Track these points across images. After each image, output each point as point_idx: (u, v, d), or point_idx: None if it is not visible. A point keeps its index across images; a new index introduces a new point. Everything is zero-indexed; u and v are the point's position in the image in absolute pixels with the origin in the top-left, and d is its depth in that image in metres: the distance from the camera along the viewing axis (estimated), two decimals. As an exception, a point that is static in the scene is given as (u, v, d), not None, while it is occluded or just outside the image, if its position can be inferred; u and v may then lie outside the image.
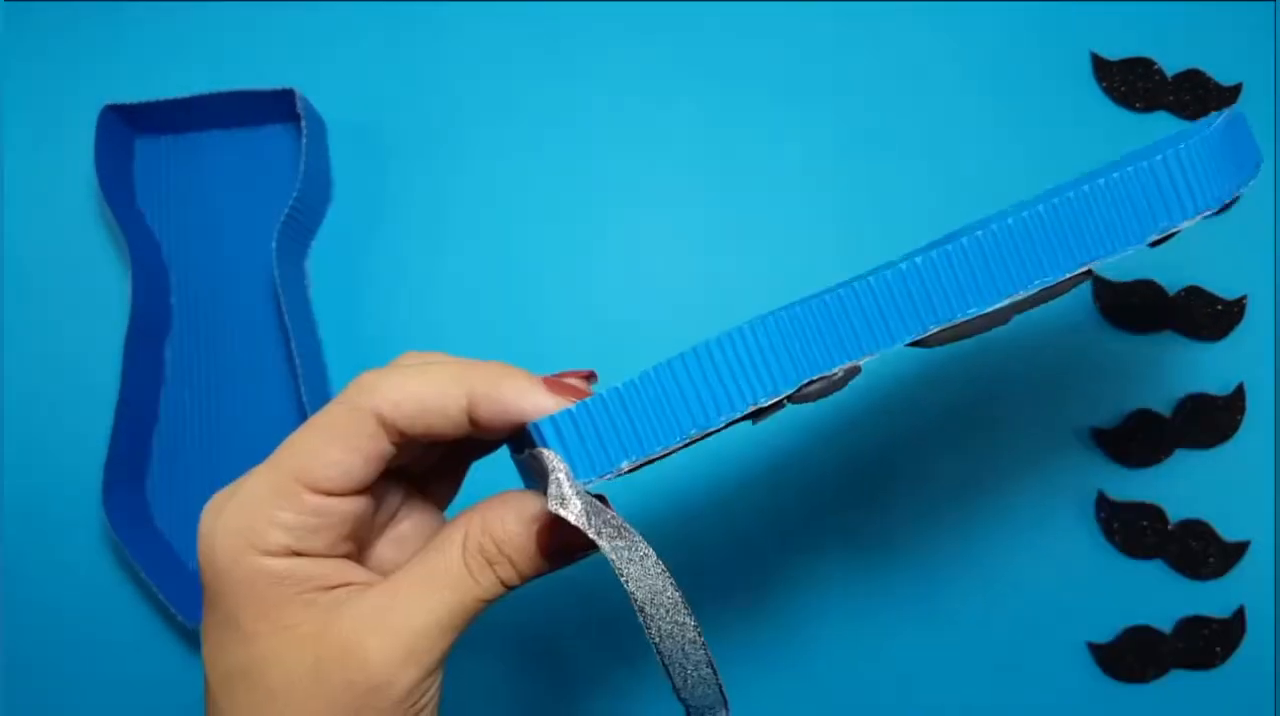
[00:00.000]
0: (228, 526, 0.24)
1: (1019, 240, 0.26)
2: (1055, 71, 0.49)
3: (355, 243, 0.49)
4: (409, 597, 0.24)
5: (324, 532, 0.24)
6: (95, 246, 0.49)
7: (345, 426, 0.24)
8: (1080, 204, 0.26)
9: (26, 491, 0.47)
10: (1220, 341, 0.47)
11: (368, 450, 0.24)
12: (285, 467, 0.24)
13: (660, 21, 0.50)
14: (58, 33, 0.50)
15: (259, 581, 0.23)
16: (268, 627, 0.24)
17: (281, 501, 0.24)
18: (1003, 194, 0.48)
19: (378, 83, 0.49)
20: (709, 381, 0.24)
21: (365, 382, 0.24)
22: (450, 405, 0.24)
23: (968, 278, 0.26)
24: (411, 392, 0.24)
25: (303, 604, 0.24)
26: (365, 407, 0.24)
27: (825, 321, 0.26)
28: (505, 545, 0.25)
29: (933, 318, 0.26)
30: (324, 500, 0.24)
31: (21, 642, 0.47)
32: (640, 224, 0.48)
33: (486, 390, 0.24)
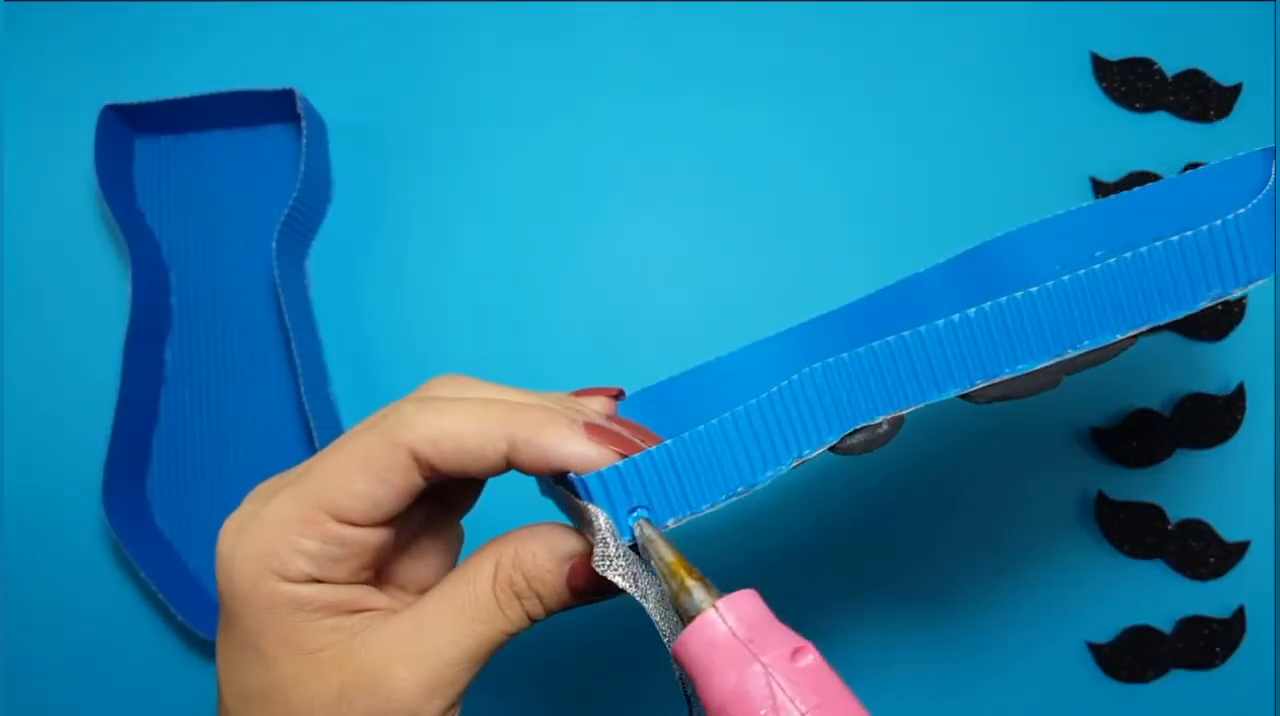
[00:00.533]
0: (249, 550, 0.23)
1: (1072, 299, 0.26)
2: (1055, 71, 0.49)
3: (355, 243, 0.49)
4: (437, 628, 0.24)
5: (347, 562, 0.24)
6: (95, 246, 0.49)
7: (379, 460, 0.23)
8: (1136, 266, 0.26)
9: (27, 491, 0.47)
10: (1220, 341, 0.47)
11: (399, 485, 0.24)
12: (311, 495, 0.23)
13: (660, 21, 0.50)
14: (58, 33, 0.50)
15: (280, 606, 0.23)
16: (289, 652, 0.23)
17: (306, 529, 0.23)
18: (1003, 194, 0.48)
19: (378, 83, 0.49)
20: (758, 438, 0.24)
21: (403, 416, 0.23)
22: (489, 448, 0.23)
23: (1019, 333, 0.26)
24: (450, 432, 0.23)
25: (325, 629, 0.24)
26: (401, 443, 0.23)
27: (872, 370, 0.26)
28: (535, 581, 0.24)
29: (980, 372, 0.26)
30: (349, 530, 0.24)
31: (21, 642, 0.47)
32: (640, 223, 0.48)
33: (528, 436, 0.23)
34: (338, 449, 0.24)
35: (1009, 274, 0.34)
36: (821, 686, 0.21)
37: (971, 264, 0.33)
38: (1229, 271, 0.26)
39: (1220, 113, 0.48)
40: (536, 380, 0.47)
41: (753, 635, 0.21)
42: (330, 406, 0.47)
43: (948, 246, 0.48)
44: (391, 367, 0.48)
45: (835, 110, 0.49)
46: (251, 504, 0.25)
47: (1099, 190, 0.48)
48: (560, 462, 0.23)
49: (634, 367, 0.47)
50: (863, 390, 0.26)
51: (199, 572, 0.47)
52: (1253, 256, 0.27)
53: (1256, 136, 0.48)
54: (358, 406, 0.47)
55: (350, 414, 0.47)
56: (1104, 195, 0.48)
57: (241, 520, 0.24)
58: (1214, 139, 0.48)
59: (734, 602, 0.22)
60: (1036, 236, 0.34)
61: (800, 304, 0.48)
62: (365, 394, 0.48)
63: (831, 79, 0.49)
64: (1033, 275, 0.34)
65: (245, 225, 0.48)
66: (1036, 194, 0.48)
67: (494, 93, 0.49)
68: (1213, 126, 0.48)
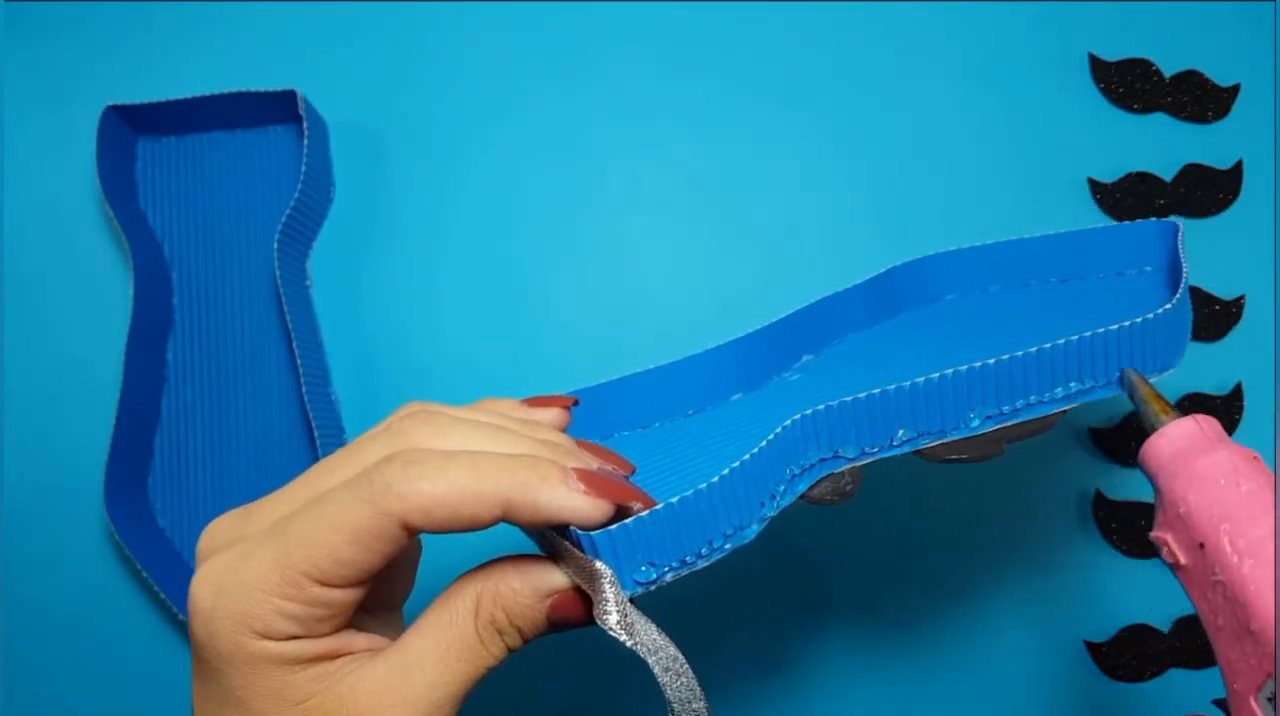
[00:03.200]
0: (229, 611, 0.23)
1: (1006, 375, 0.28)
2: (1053, 72, 0.49)
3: (356, 243, 0.49)
4: (423, 670, 0.24)
5: (329, 620, 0.24)
6: (97, 247, 0.49)
7: (368, 530, 0.23)
8: (1062, 352, 0.28)
9: (29, 491, 0.48)
10: (1218, 341, 0.47)
11: (385, 551, 0.23)
12: (295, 562, 0.23)
13: (660, 23, 0.50)
14: (60, 34, 0.50)
15: (264, 663, 0.23)
16: (274, 705, 0.23)
17: (289, 591, 0.23)
18: (1001, 195, 0.48)
19: (379, 84, 0.50)
20: (748, 490, 0.26)
21: (393, 484, 0.23)
22: (484, 513, 0.23)
23: (957, 401, 0.28)
24: (444, 502, 0.23)
25: (309, 679, 0.23)
26: (393, 514, 0.23)
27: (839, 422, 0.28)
28: (516, 616, 0.24)
29: (928, 433, 0.29)
30: (332, 592, 0.23)
31: (23, 641, 0.47)
32: (640, 223, 0.49)
33: (523, 498, 0.23)
34: (320, 513, 0.23)
35: (910, 296, 0.37)
36: (1260, 474, 0.27)
37: (880, 286, 0.37)
38: (1150, 362, 0.29)
39: (1218, 113, 0.48)
40: (536, 379, 0.47)
41: (1220, 435, 0.28)
42: (331, 406, 0.47)
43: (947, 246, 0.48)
44: (391, 368, 0.48)
45: (834, 111, 0.49)
46: (224, 560, 0.24)
47: (1096, 190, 0.48)
48: (558, 520, 0.23)
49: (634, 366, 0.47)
50: (831, 440, 0.28)
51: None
52: (1164, 352, 0.30)
53: (1254, 137, 0.48)
54: (358, 406, 0.48)
55: (350, 414, 0.47)
56: (1102, 196, 0.48)
57: (217, 579, 0.23)
58: (1212, 139, 0.48)
59: (1207, 419, 0.28)
60: (938, 266, 0.37)
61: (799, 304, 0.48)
62: (366, 394, 0.48)
63: (830, 80, 0.49)
64: (931, 300, 0.37)
65: (247, 225, 0.49)
66: (1034, 194, 0.48)
67: (494, 93, 0.49)
68: (1211, 127, 0.48)
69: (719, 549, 0.25)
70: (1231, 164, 0.48)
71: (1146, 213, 0.48)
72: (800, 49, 0.49)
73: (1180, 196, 0.48)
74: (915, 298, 0.38)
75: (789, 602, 0.46)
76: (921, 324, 0.36)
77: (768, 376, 0.35)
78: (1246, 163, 0.48)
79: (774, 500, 0.27)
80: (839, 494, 0.29)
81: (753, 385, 0.35)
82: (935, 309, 0.37)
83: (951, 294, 0.38)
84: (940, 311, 0.37)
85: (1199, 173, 0.48)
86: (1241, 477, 0.26)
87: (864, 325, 0.37)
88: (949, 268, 0.38)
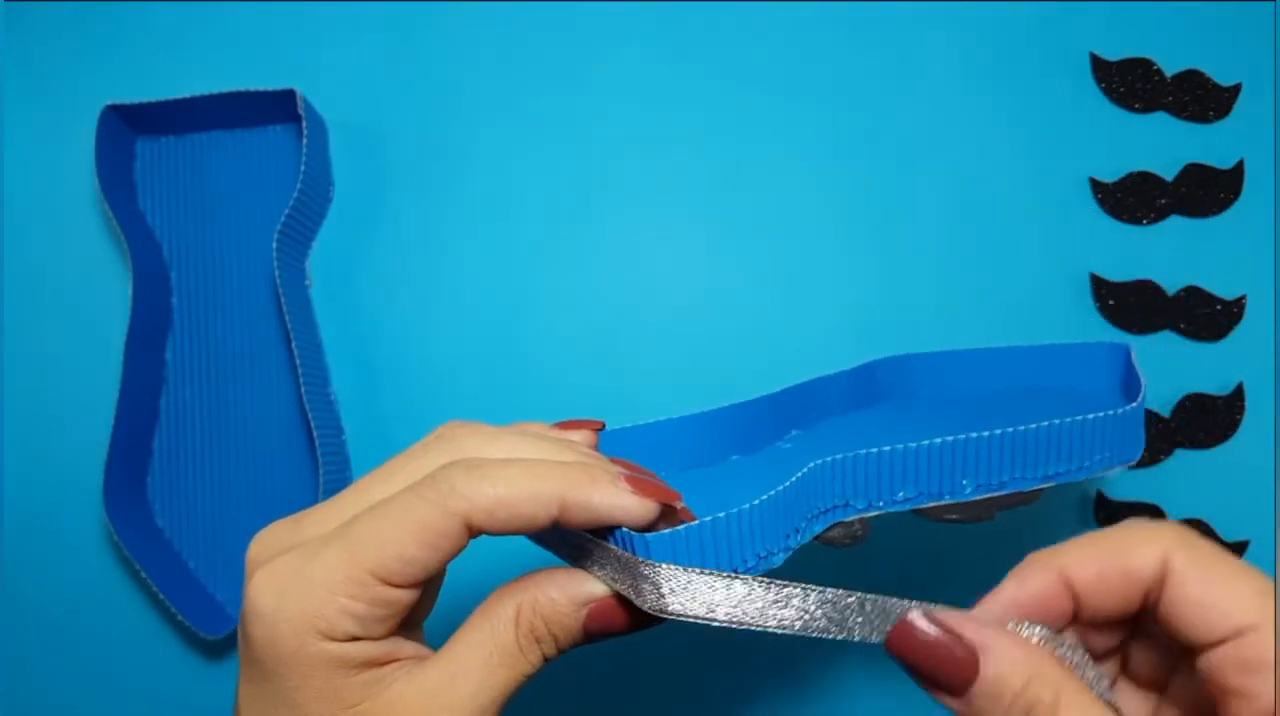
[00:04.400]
0: (294, 611, 0.24)
1: (999, 448, 0.32)
2: (1054, 72, 0.49)
3: (356, 243, 0.49)
4: (468, 677, 0.25)
5: (388, 621, 0.25)
6: (96, 247, 0.49)
7: (433, 528, 0.24)
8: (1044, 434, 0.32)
9: (28, 491, 0.47)
10: (1219, 341, 0.47)
11: (448, 550, 0.24)
12: (362, 559, 0.24)
13: (661, 22, 0.50)
14: (59, 33, 0.50)
15: (322, 665, 0.24)
16: (329, 708, 0.24)
17: (354, 591, 0.24)
18: (1002, 195, 0.48)
19: (378, 83, 0.49)
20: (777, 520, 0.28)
21: (454, 482, 0.24)
22: (541, 513, 0.24)
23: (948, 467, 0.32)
24: (505, 501, 0.24)
25: (361, 683, 0.24)
26: (458, 513, 0.24)
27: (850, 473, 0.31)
28: (554, 625, 0.26)
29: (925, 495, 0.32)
30: (394, 591, 0.24)
31: (22, 641, 0.47)
32: (640, 223, 0.49)
33: (578, 498, 0.25)
34: (386, 513, 0.24)
35: (888, 390, 0.42)
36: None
37: (862, 376, 0.41)
38: (1116, 453, 0.33)
39: (1219, 113, 0.48)
40: (536, 379, 0.47)
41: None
42: (330, 406, 0.47)
43: (947, 246, 0.48)
44: (391, 368, 0.48)
45: (835, 111, 0.49)
46: (289, 562, 0.24)
47: (1098, 190, 0.48)
48: (610, 520, 0.25)
49: (633, 367, 0.47)
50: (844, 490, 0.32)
51: (199, 572, 0.47)
52: (1129, 445, 0.33)
53: (1255, 137, 0.48)
54: (358, 406, 0.48)
55: (350, 414, 0.47)
56: (1103, 195, 0.48)
57: (282, 579, 0.24)
58: (1213, 139, 0.48)
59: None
60: (913, 366, 0.42)
61: (800, 304, 0.48)
62: (365, 394, 0.48)
63: (831, 80, 0.49)
64: (908, 395, 0.42)
65: (246, 225, 0.48)
66: (1035, 194, 0.48)
67: (494, 93, 0.49)
68: (1212, 127, 0.48)
69: (751, 569, 0.27)
70: (1233, 164, 0.48)
71: (1147, 212, 0.48)
72: (800, 48, 0.49)
73: (1181, 196, 0.48)
74: (892, 390, 0.42)
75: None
76: (901, 411, 0.40)
77: (763, 443, 0.38)
78: (1247, 162, 0.48)
79: (797, 533, 0.30)
80: (851, 537, 0.32)
81: (749, 448, 0.37)
82: (913, 400, 0.42)
83: (925, 389, 0.42)
84: (918, 402, 0.41)
85: (1200, 172, 0.48)
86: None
87: (848, 409, 0.41)
88: (922, 366, 0.42)
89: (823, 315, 0.48)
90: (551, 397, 0.47)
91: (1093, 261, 0.48)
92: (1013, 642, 0.24)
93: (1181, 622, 0.23)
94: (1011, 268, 0.48)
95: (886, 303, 0.48)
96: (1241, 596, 0.23)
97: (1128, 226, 0.48)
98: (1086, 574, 0.24)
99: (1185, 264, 0.47)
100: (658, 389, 0.47)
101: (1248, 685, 0.22)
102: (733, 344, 0.48)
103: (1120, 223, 0.48)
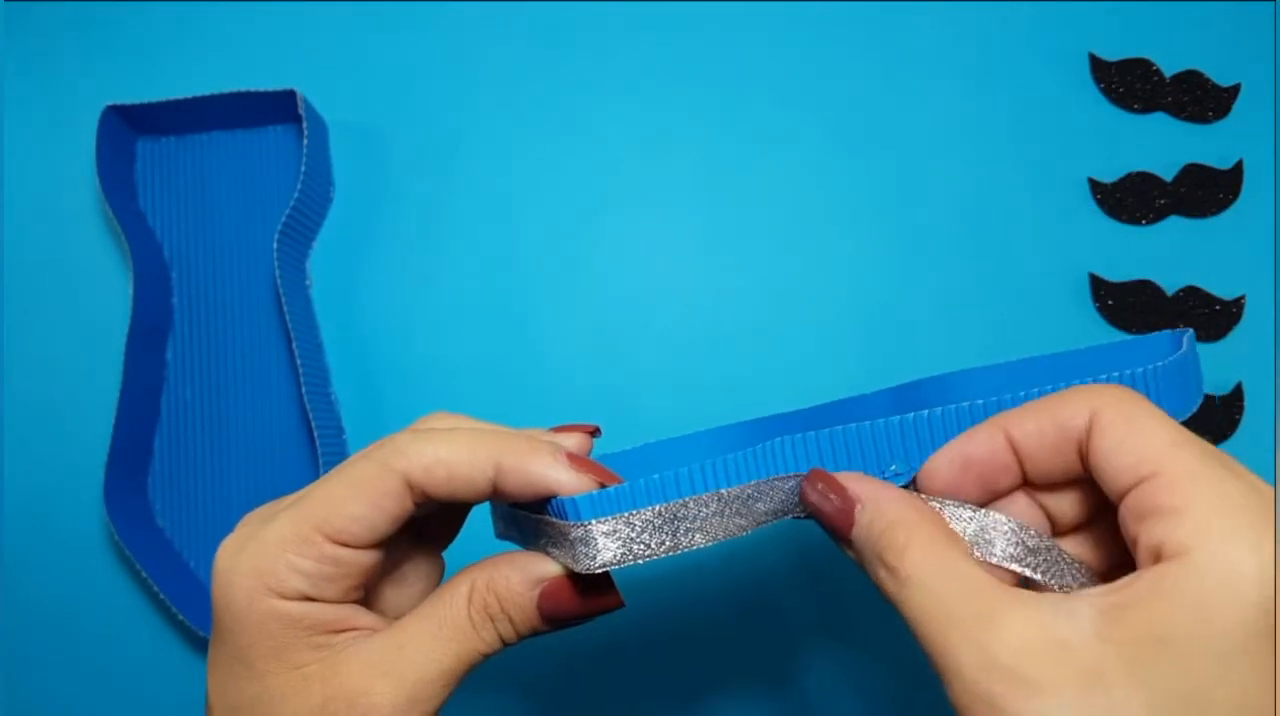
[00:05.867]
0: (246, 567, 0.25)
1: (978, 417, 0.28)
2: (1053, 72, 0.49)
3: (356, 243, 0.49)
4: (416, 646, 0.25)
5: (339, 581, 0.25)
6: (97, 247, 0.49)
7: (374, 484, 0.25)
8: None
9: (28, 490, 0.48)
10: (1218, 342, 0.47)
11: (392, 509, 0.25)
12: (309, 517, 0.25)
13: (660, 23, 0.50)
14: (59, 34, 0.50)
15: (272, 623, 0.24)
16: (277, 666, 0.25)
17: (302, 548, 0.24)
18: (1001, 195, 0.48)
19: (379, 84, 0.50)
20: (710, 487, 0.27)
21: (399, 445, 0.25)
22: (478, 476, 0.25)
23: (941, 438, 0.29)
24: (443, 460, 0.25)
25: (312, 646, 0.25)
26: (397, 469, 0.25)
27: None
28: (507, 602, 0.26)
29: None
30: (342, 551, 0.25)
31: (22, 641, 0.47)
32: (641, 222, 0.49)
33: (514, 463, 0.25)
34: (336, 474, 0.25)
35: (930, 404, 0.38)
36: None
37: (906, 393, 0.38)
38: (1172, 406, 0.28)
39: (1219, 113, 0.48)
40: (536, 378, 0.47)
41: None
42: (331, 406, 0.47)
43: (947, 246, 0.48)
44: (392, 367, 0.48)
45: (835, 112, 0.49)
46: (248, 526, 0.26)
47: (1097, 190, 0.48)
48: (544, 487, 0.25)
49: (633, 367, 0.47)
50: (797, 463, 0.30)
51: (199, 572, 0.47)
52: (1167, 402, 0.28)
53: (1255, 137, 0.48)
54: (358, 406, 0.48)
55: (350, 414, 0.47)
56: (1102, 196, 0.48)
57: (240, 540, 0.25)
58: (1212, 139, 0.48)
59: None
60: (963, 381, 0.39)
61: (800, 304, 0.48)
62: (366, 394, 0.48)
63: (831, 79, 0.49)
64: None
65: (246, 225, 0.48)
66: (1035, 195, 0.48)
67: (494, 93, 0.49)
68: (1211, 127, 0.48)
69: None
70: (1232, 164, 0.48)
71: (1146, 212, 0.48)
72: (800, 48, 0.49)
73: (1180, 196, 0.48)
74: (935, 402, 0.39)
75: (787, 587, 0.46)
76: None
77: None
78: (1247, 163, 0.48)
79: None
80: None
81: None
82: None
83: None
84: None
85: (1199, 173, 0.48)
86: None
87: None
88: (974, 381, 0.39)
89: (823, 315, 0.48)
90: (552, 397, 0.47)
91: (1092, 261, 0.48)
92: (885, 495, 0.26)
93: (1099, 474, 0.23)
94: (1011, 268, 0.48)
95: (886, 302, 0.48)
96: (1150, 447, 0.22)
97: (1127, 227, 0.48)
98: (1026, 429, 0.25)
99: (1184, 264, 0.47)
100: (658, 389, 0.47)
101: (1141, 533, 0.22)
102: (733, 344, 0.48)
103: (1119, 223, 0.48)
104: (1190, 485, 0.21)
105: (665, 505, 0.25)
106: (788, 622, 0.46)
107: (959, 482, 0.26)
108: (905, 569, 0.24)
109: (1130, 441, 0.23)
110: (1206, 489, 0.21)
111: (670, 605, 0.46)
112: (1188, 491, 0.21)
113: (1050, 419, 0.24)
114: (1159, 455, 0.22)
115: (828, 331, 0.48)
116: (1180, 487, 0.21)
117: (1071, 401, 0.24)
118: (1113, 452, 0.23)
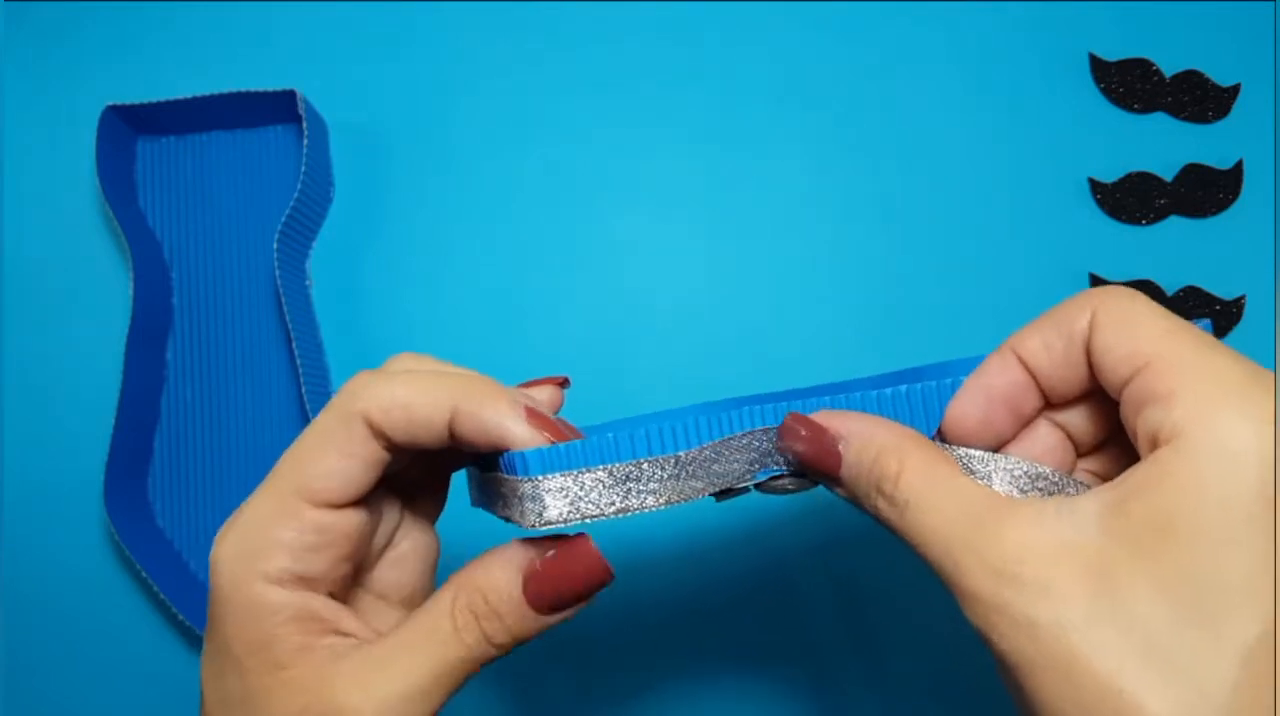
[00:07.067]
0: (231, 551, 0.24)
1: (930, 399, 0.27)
2: (1053, 72, 0.49)
3: (356, 243, 0.49)
4: (397, 661, 0.24)
5: (324, 551, 0.24)
6: (97, 247, 0.49)
7: (338, 433, 0.24)
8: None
9: (28, 490, 0.48)
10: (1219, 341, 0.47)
11: (363, 455, 0.24)
12: (284, 484, 0.24)
13: (660, 24, 0.50)
14: (59, 34, 0.50)
15: (255, 610, 0.24)
16: (259, 663, 0.24)
17: (283, 519, 0.24)
18: (1001, 195, 0.48)
19: (379, 84, 0.50)
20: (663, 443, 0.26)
21: (354, 388, 0.24)
22: (435, 417, 0.24)
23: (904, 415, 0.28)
24: (400, 401, 0.24)
25: (294, 646, 0.24)
26: (355, 412, 0.24)
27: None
28: (492, 596, 0.24)
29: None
30: (324, 514, 0.24)
31: (23, 640, 0.47)
32: (641, 222, 0.49)
33: (470, 408, 0.24)
34: (303, 436, 0.25)
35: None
36: None
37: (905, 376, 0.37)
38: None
39: (1219, 113, 0.48)
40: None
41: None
42: (331, 406, 0.47)
43: (946, 246, 0.48)
44: (392, 367, 0.48)
45: (834, 112, 0.49)
46: (236, 511, 0.25)
47: (1097, 191, 0.48)
48: (496, 436, 0.24)
49: (634, 366, 0.47)
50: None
51: (199, 572, 0.47)
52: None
53: (1255, 137, 0.48)
54: (358, 406, 0.48)
55: (351, 414, 0.47)
56: (1102, 196, 0.48)
57: (227, 526, 0.25)
58: (1212, 140, 0.48)
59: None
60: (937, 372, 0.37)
61: (800, 304, 0.48)
62: (366, 394, 0.48)
63: (830, 81, 0.49)
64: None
65: (246, 225, 0.49)
66: (1035, 195, 0.48)
67: (494, 93, 0.49)
68: (1211, 127, 0.48)
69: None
70: (1232, 164, 0.48)
71: (1146, 212, 0.48)
72: (800, 49, 0.49)
73: (1180, 196, 0.48)
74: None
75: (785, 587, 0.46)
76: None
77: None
78: (1246, 163, 0.48)
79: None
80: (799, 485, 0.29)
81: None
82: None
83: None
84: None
85: (1199, 173, 0.48)
86: None
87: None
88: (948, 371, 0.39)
89: (823, 315, 0.48)
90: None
91: (1092, 262, 0.48)
92: (868, 425, 0.25)
93: (1100, 375, 0.23)
94: (1011, 268, 0.48)
95: (886, 302, 0.48)
96: (1143, 337, 0.22)
97: (1127, 227, 0.48)
98: (1034, 345, 0.24)
99: (1184, 264, 0.47)
100: (658, 389, 0.47)
101: (1139, 424, 0.21)
102: (733, 343, 0.48)
103: (1119, 223, 0.48)
104: (1182, 369, 0.21)
105: (617, 465, 0.25)
106: (802, 608, 0.46)
107: (987, 418, 0.25)
108: (902, 493, 0.23)
109: (1125, 333, 0.22)
110: (1198, 371, 0.21)
111: (679, 589, 0.46)
112: (1180, 375, 0.21)
113: (1055, 330, 0.24)
114: (1152, 344, 0.21)
115: (827, 330, 0.48)
116: (1173, 372, 0.21)
117: (1072, 307, 0.24)
118: (1109, 348, 0.22)
